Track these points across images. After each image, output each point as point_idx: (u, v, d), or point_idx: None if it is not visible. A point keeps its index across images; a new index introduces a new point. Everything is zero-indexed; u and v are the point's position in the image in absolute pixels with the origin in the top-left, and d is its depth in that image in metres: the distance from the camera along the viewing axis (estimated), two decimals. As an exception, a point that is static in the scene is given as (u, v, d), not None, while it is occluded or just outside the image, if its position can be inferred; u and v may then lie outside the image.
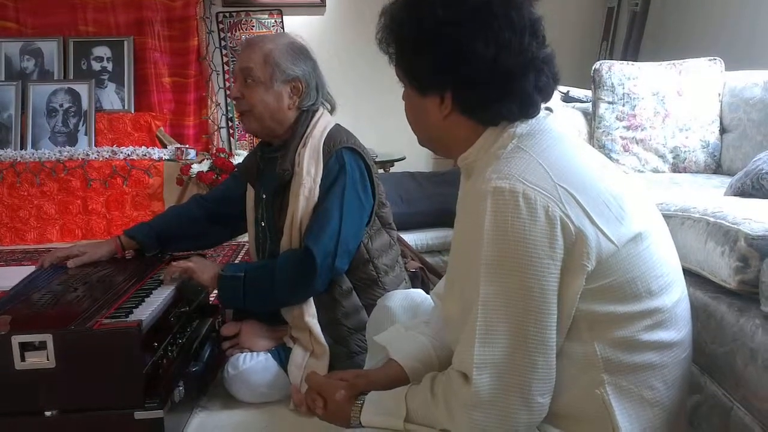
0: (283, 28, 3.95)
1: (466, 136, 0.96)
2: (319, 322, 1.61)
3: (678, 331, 0.92)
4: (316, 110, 1.69)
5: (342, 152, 1.61)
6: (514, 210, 0.83)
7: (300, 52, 1.67)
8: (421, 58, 0.94)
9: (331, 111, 1.75)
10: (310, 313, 1.61)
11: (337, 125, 1.70)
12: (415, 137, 1.03)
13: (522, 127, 0.92)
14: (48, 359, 1.28)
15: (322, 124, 1.66)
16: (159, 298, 1.49)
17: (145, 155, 3.49)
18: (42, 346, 1.27)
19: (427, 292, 1.37)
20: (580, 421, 0.89)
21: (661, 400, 0.90)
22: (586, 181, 0.88)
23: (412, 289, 1.54)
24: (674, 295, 0.92)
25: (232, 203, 1.83)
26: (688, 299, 0.98)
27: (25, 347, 1.28)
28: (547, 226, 0.82)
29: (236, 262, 2.91)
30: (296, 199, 1.60)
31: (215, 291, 1.66)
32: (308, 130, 1.65)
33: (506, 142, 0.91)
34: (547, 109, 1.00)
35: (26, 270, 1.78)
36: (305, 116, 1.67)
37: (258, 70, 1.61)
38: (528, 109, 0.93)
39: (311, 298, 1.61)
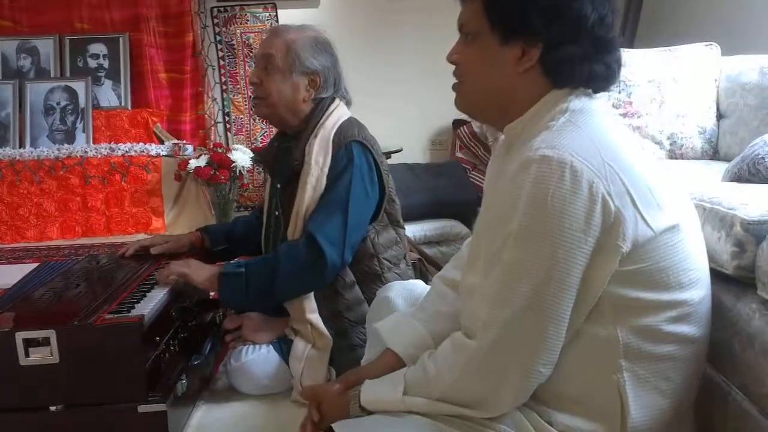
0: (277, 21, 3.93)
1: (530, 97, 0.93)
2: (321, 314, 1.61)
3: (700, 328, 0.92)
4: (332, 102, 1.69)
5: (351, 145, 1.61)
6: (558, 180, 0.82)
7: (323, 46, 1.68)
8: (523, 4, 0.89)
9: (347, 106, 1.75)
10: (310, 308, 1.61)
11: (351, 118, 1.70)
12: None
13: (575, 103, 0.91)
14: (52, 355, 1.29)
15: (336, 115, 1.67)
16: (160, 293, 1.50)
17: (143, 151, 3.49)
18: (45, 342, 1.28)
19: (426, 283, 1.38)
20: (588, 405, 0.89)
21: (676, 392, 0.90)
22: (632, 165, 0.87)
23: (411, 280, 1.54)
24: (701, 291, 0.92)
25: None
26: (710, 300, 0.98)
27: (29, 343, 1.29)
28: (588, 201, 0.82)
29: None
30: (303, 189, 1.60)
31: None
32: (321, 121, 1.65)
33: (557, 115, 0.91)
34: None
35: (27, 268, 1.79)
36: (320, 107, 1.67)
37: (279, 58, 1.62)
38: (609, 80, 0.93)
39: (311, 294, 1.61)
